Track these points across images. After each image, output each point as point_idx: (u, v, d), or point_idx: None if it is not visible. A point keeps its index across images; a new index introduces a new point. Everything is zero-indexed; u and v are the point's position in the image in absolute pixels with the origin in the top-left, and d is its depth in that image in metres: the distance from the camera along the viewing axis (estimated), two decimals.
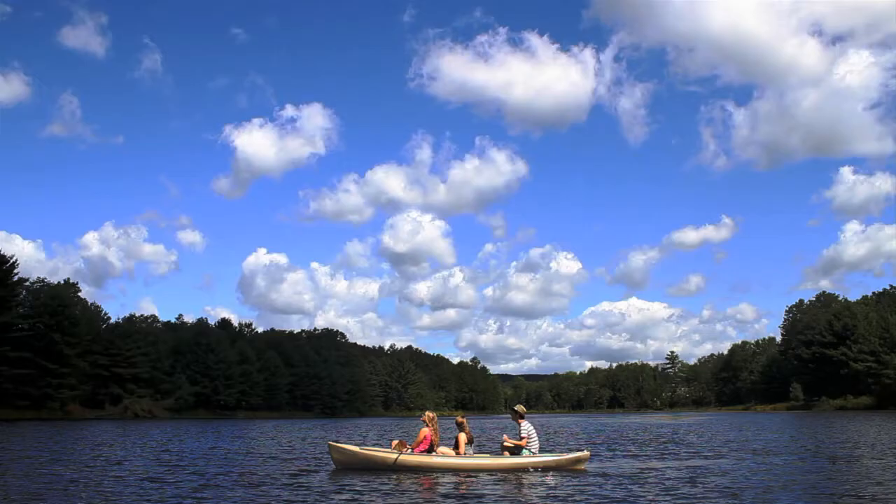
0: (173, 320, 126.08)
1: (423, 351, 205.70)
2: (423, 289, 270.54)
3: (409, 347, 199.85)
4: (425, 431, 16.53)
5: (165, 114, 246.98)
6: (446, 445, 16.80)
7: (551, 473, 15.31)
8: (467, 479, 14.48)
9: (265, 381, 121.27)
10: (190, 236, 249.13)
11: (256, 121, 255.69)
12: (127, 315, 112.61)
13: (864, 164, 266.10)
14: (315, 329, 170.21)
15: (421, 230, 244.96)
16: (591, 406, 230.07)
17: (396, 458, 15.79)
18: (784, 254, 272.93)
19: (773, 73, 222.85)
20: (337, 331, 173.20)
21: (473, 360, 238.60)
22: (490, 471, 15.63)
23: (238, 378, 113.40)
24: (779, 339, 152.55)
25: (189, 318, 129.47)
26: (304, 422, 78.78)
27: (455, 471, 15.44)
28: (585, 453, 17.23)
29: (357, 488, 12.97)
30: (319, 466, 17.27)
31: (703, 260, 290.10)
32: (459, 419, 17.13)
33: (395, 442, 16.91)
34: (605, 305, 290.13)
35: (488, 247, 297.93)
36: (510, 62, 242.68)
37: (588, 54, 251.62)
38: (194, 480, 14.35)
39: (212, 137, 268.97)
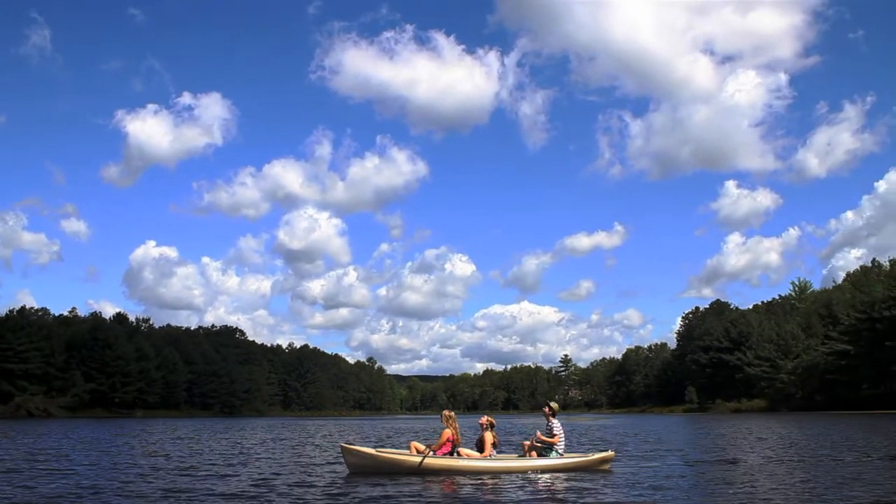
0: (66, 313, 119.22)
1: (321, 350, 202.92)
2: (316, 287, 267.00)
3: (307, 346, 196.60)
4: (448, 433, 15.81)
5: (53, 95, 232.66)
6: (467, 447, 16.22)
7: (561, 474, 15.02)
8: (497, 481, 13.94)
9: (163, 378, 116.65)
10: (74, 225, 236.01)
11: (151, 107, 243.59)
12: (18, 307, 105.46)
13: (747, 179, 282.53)
14: (213, 326, 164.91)
15: (317, 227, 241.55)
16: (486, 407, 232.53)
17: (422, 462, 15.05)
18: (671, 262, 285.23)
19: (668, 87, 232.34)
20: (235, 328, 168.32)
21: (370, 359, 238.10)
22: (520, 473, 15.14)
23: (136, 375, 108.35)
24: (672, 344, 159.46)
25: (80, 312, 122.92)
26: (216, 421, 75.79)
27: (483, 473, 14.84)
28: (611, 453, 17.01)
29: (381, 494, 12.11)
30: (331, 471, 16.13)
31: (594, 265, 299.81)
32: (491, 420, 16.55)
33: (421, 446, 16.06)
34: (496, 308, 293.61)
35: (384, 246, 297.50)
36: (415, 60, 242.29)
37: (493, 57, 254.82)
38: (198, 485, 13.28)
39: (102, 122, 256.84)
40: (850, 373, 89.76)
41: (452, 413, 16.40)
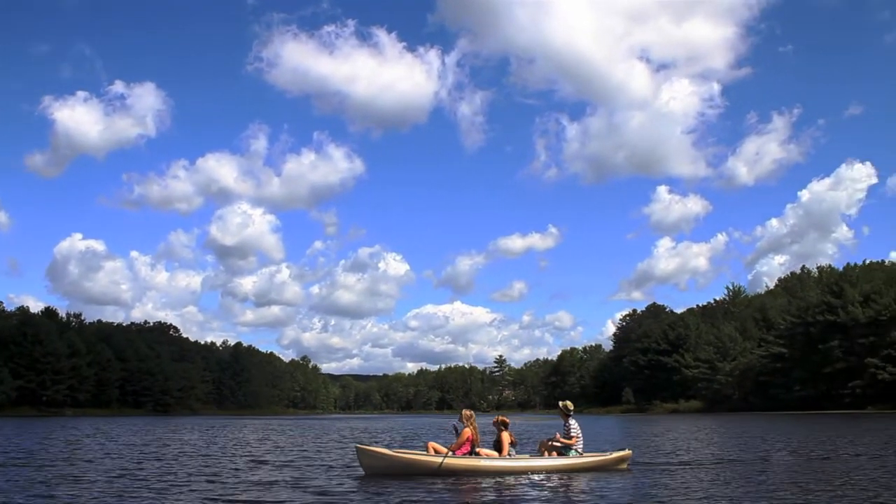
0: None
1: (256, 348, 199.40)
2: (248, 284, 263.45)
3: (240, 344, 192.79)
4: (467, 432, 15.62)
5: None
6: (486, 446, 16.06)
7: (581, 473, 15.10)
8: (518, 481, 13.88)
9: (95, 376, 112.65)
10: None
11: (81, 94, 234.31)
12: None
13: (679, 185, 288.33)
14: (146, 322, 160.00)
15: (250, 223, 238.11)
16: (420, 407, 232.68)
17: (442, 462, 14.83)
18: (602, 265, 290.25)
19: (605, 92, 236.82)
20: (169, 324, 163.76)
21: (304, 358, 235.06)
22: (541, 473, 15.11)
23: (67, 373, 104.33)
24: (607, 345, 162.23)
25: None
26: (159, 420, 73.39)
27: (504, 473, 14.76)
28: (628, 452, 17.11)
29: (402, 495, 11.83)
30: (346, 473, 15.58)
31: (527, 267, 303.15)
32: (504, 419, 16.43)
33: (441, 447, 15.79)
34: (429, 308, 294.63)
35: (318, 244, 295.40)
36: (355, 56, 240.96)
37: (433, 56, 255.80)
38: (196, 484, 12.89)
39: (28, 108, 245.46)
40: (784, 375, 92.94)
41: (472, 413, 16.13)
